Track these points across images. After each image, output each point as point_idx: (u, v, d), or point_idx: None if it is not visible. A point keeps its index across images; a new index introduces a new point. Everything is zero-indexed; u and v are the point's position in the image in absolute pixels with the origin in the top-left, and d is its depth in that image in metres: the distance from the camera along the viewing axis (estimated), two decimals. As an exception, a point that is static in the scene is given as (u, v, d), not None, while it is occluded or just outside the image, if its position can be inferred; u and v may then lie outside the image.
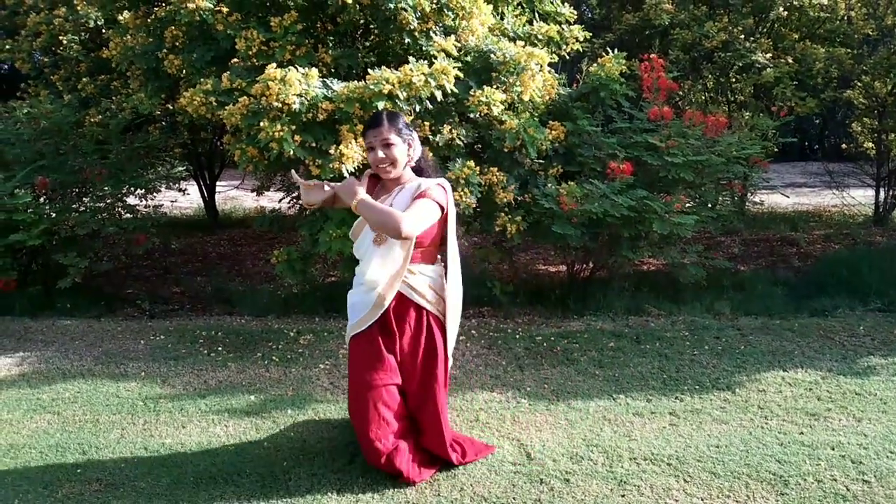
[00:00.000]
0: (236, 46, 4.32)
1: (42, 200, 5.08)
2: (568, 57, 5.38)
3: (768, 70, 6.75)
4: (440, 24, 4.48)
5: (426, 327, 2.65)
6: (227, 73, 4.20)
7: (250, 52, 4.29)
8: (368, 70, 3.97)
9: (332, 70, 4.40)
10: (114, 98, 5.82)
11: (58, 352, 4.20)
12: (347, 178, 2.62)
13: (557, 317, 4.73)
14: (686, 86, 8.25)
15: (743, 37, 7.12)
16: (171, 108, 5.99)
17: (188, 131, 6.81)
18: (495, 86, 4.21)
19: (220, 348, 4.21)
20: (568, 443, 2.94)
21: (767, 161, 5.50)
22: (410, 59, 4.00)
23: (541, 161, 4.57)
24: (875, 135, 7.77)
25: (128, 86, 5.63)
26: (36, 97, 6.13)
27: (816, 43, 7.36)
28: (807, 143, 15.63)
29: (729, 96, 8.11)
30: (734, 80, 7.60)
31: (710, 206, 5.07)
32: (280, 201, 6.18)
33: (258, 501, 2.53)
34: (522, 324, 4.60)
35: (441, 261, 2.72)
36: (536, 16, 5.19)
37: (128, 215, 5.50)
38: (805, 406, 3.27)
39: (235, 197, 10.48)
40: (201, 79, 4.35)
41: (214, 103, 4.17)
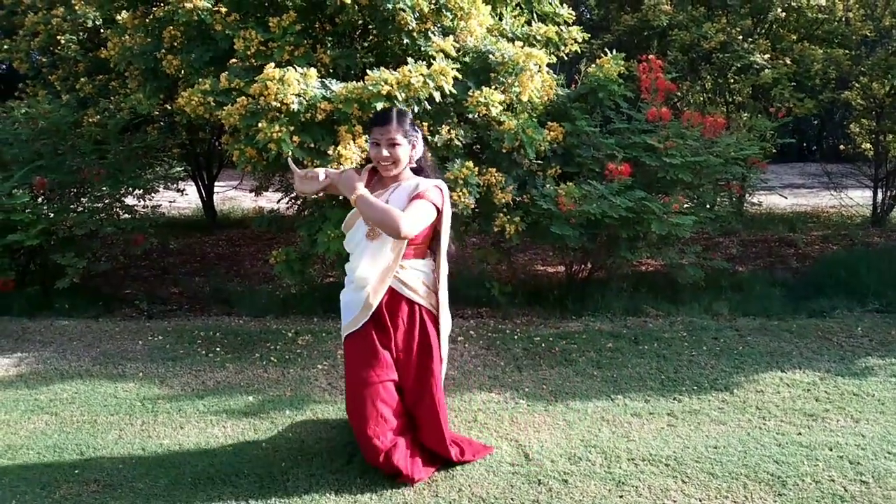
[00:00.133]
0: (235, 47, 4.32)
1: (40, 200, 5.07)
2: (566, 58, 5.38)
3: (766, 71, 6.75)
4: (439, 25, 4.48)
5: (419, 322, 2.65)
6: (226, 73, 4.20)
7: (248, 52, 4.28)
8: (367, 70, 3.98)
9: (331, 70, 4.40)
10: (112, 98, 5.82)
11: (56, 352, 4.19)
12: (347, 169, 2.61)
13: (556, 317, 4.73)
14: (684, 87, 8.27)
15: (741, 38, 7.12)
16: (169, 108, 5.99)
17: (186, 131, 6.81)
18: (494, 86, 4.21)
19: (218, 349, 4.20)
20: (566, 443, 2.94)
21: (765, 162, 5.50)
22: (409, 59, 4.00)
23: (539, 162, 4.57)
24: (873, 136, 7.78)
25: (126, 86, 5.62)
26: (34, 97, 6.12)
27: (814, 44, 7.36)
28: (805, 144, 15.64)
29: (727, 97, 8.11)
30: (732, 80, 7.60)
31: (709, 206, 5.08)
32: (278, 202, 6.17)
33: (256, 502, 2.53)
34: (521, 324, 4.61)
35: (431, 255, 2.72)
36: (535, 16, 5.19)
37: (126, 215, 5.50)
38: (803, 407, 3.28)
39: (234, 197, 10.47)
40: (199, 79, 4.34)
41: (213, 103, 4.17)
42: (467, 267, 5.55)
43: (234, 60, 4.40)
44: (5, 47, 6.72)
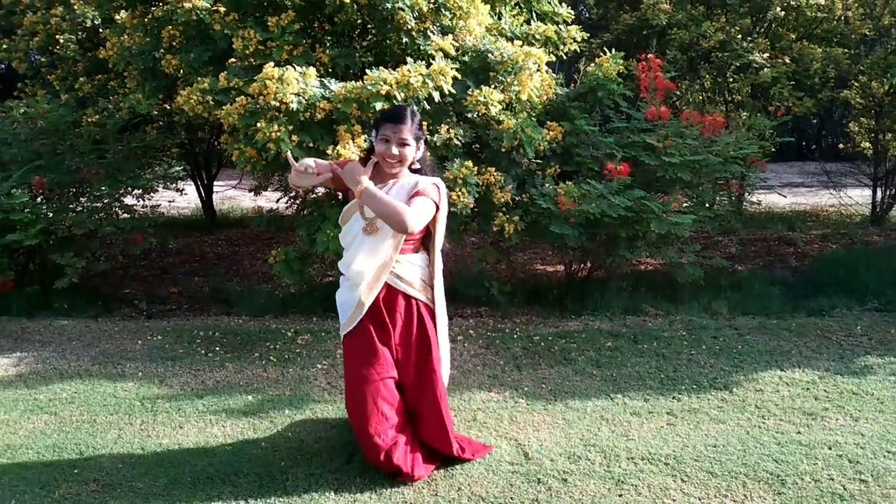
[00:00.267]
0: (233, 46, 4.32)
1: (39, 200, 5.07)
2: (565, 57, 5.38)
3: (766, 70, 6.75)
4: (438, 24, 4.48)
5: (417, 317, 2.66)
6: (225, 72, 4.20)
7: (247, 51, 4.28)
8: (366, 70, 3.97)
9: (330, 70, 4.40)
10: (111, 98, 5.81)
11: (55, 352, 4.19)
12: (351, 161, 2.59)
13: (555, 317, 4.73)
14: (683, 86, 8.27)
15: (740, 37, 7.12)
16: (168, 107, 5.99)
17: (185, 131, 6.80)
18: (493, 85, 4.21)
19: (217, 348, 4.20)
20: (565, 442, 2.94)
21: (765, 161, 5.50)
22: (408, 58, 4.00)
23: (538, 161, 4.57)
24: (872, 135, 7.78)
25: (125, 85, 5.61)
26: (33, 97, 6.11)
27: (814, 43, 7.36)
28: (804, 143, 15.64)
29: (726, 96, 8.12)
30: (731, 79, 7.60)
31: (708, 205, 5.08)
32: (278, 201, 6.17)
33: (256, 501, 2.53)
34: (520, 324, 4.61)
35: (423, 248, 2.74)
36: (534, 16, 5.18)
37: (125, 215, 5.49)
38: (802, 406, 3.28)
39: (233, 197, 10.46)
40: (199, 78, 4.34)
41: (211, 102, 4.16)
42: (466, 266, 5.55)
43: (232, 60, 4.40)
44: (4, 47, 6.70)
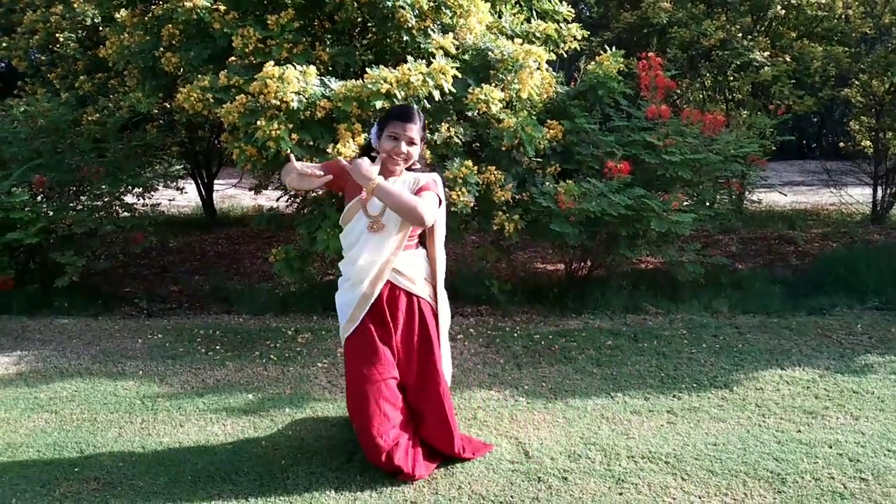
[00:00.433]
0: (233, 44, 4.32)
1: (39, 199, 5.07)
2: (566, 55, 5.37)
3: (766, 68, 6.75)
4: (438, 22, 4.47)
5: (419, 315, 2.66)
6: (225, 70, 4.19)
7: (247, 49, 4.28)
8: (366, 68, 3.97)
9: (330, 68, 4.39)
10: (111, 96, 5.81)
11: (55, 350, 4.19)
12: (358, 159, 2.55)
13: (555, 315, 4.73)
14: (684, 84, 8.26)
15: (741, 35, 7.12)
16: (168, 106, 5.98)
17: (186, 130, 6.80)
18: (493, 84, 4.21)
19: (217, 347, 4.20)
20: (566, 441, 2.94)
21: (765, 159, 5.49)
22: (408, 57, 4.00)
23: (539, 159, 4.57)
24: (873, 133, 7.77)
25: (125, 84, 5.61)
26: (33, 95, 6.11)
27: (814, 41, 7.36)
28: (805, 142, 15.62)
29: (727, 95, 8.11)
30: (732, 78, 7.60)
31: (708, 204, 5.07)
32: (278, 200, 6.17)
33: (256, 500, 2.53)
34: (520, 322, 4.61)
35: (422, 245, 2.76)
36: (534, 14, 5.18)
37: (125, 214, 5.49)
38: (803, 404, 3.28)
39: (233, 195, 10.46)
40: (199, 76, 4.34)
41: (212, 100, 4.16)
42: (467, 265, 5.55)
43: (232, 58, 4.39)
44: (4, 45, 6.70)
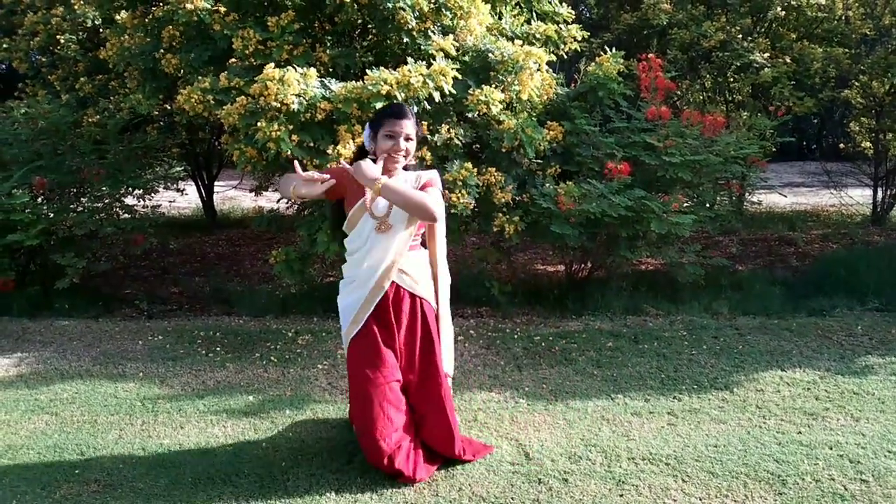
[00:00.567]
0: (233, 46, 4.32)
1: (40, 200, 5.07)
2: (566, 57, 5.38)
3: (766, 70, 6.75)
4: (438, 24, 4.48)
5: (421, 316, 2.68)
6: (225, 72, 4.20)
7: (247, 51, 4.28)
8: (366, 70, 3.98)
9: (330, 70, 4.40)
10: (111, 98, 5.82)
11: (56, 352, 4.19)
12: (360, 162, 2.53)
13: (556, 317, 4.73)
14: (684, 85, 8.27)
15: (741, 36, 7.12)
16: (168, 108, 5.99)
17: (186, 131, 6.80)
18: (494, 85, 4.21)
19: (218, 349, 4.20)
20: (566, 443, 2.94)
21: (765, 161, 5.49)
22: (409, 58, 4.00)
23: (539, 161, 4.57)
24: (873, 134, 7.77)
25: (125, 86, 5.62)
26: (33, 97, 6.12)
27: (814, 43, 7.36)
28: (805, 143, 15.62)
29: (727, 96, 8.11)
30: (732, 79, 7.60)
31: (708, 205, 5.07)
32: (278, 201, 6.17)
33: (256, 502, 2.53)
34: (521, 324, 4.60)
35: (423, 245, 2.77)
36: (534, 15, 5.18)
37: (126, 215, 5.49)
38: (803, 406, 3.28)
39: (234, 197, 10.46)
40: (199, 78, 4.35)
41: (212, 102, 4.17)
42: (467, 266, 5.55)
43: (233, 60, 4.40)
44: (4, 47, 6.71)
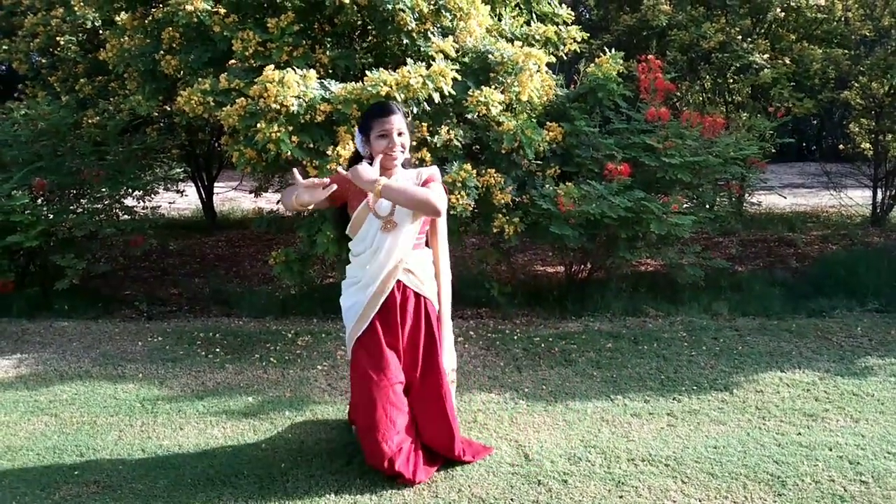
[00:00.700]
0: (233, 48, 4.32)
1: (39, 202, 5.07)
2: (565, 58, 5.39)
3: (766, 71, 6.75)
4: (438, 25, 4.48)
5: (425, 316, 2.68)
6: (225, 73, 4.20)
7: (247, 53, 4.28)
8: (366, 71, 3.98)
9: (330, 71, 4.40)
10: (111, 99, 5.82)
11: (55, 353, 4.19)
12: (357, 166, 2.53)
13: (555, 318, 4.73)
14: (683, 87, 8.27)
15: (740, 38, 7.12)
16: (168, 109, 5.99)
17: (186, 133, 6.81)
18: (493, 86, 4.21)
19: (217, 350, 4.20)
20: (566, 444, 2.94)
21: (765, 162, 5.49)
22: (408, 60, 4.01)
23: (538, 162, 4.57)
24: (872, 135, 7.77)
25: (125, 87, 5.62)
26: (33, 98, 6.12)
27: (814, 44, 7.36)
28: (804, 144, 15.62)
29: (726, 97, 8.11)
30: (732, 80, 7.60)
31: (708, 206, 5.08)
32: (278, 202, 6.18)
33: (256, 503, 2.53)
34: (520, 325, 4.61)
35: (427, 245, 2.77)
36: (534, 17, 5.19)
37: (125, 217, 5.50)
38: (803, 407, 3.27)
39: (233, 198, 10.47)
40: (199, 79, 4.35)
41: (212, 103, 4.17)
42: (467, 267, 5.55)
43: (232, 61, 4.40)
44: (4, 48, 6.72)
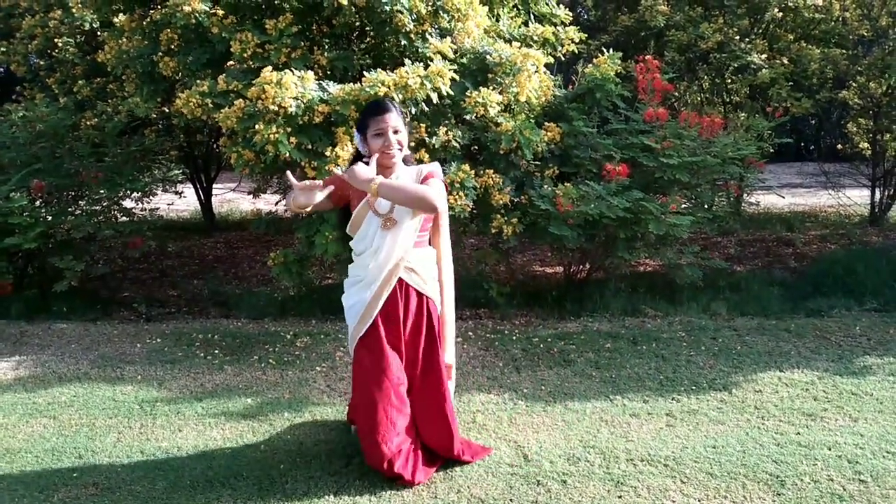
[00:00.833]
0: (231, 49, 4.32)
1: (38, 204, 5.07)
2: (563, 58, 5.39)
3: (764, 71, 6.76)
4: (436, 26, 4.48)
5: (427, 315, 2.68)
6: (223, 75, 4.20)
7: (245, 54, 4.28)
8: (364, 72, 3.98)
9: (328, 72, 4.40)
10: (110, 101, 5.82)
11: (54, 355, 4.19)
12: (353, 166, 2.55)
13: (554, 318, 4.73)
14: (681, 87, 8.27)
15: (738, 38, 7.13)
16: (167, 110, 5.99)
17: (184, 134, 6.81)
18: (491, 87, 4.22)
19: (216, 351, 4.20)
20: (565, 444, 2.94)
21: (763, 162, 5.49)
22: (406, 61, 4.01)
23: (537, 163, 4.58)
24: (870, 135, 7.78)
25: (123, 89, 5.62)
26: (31, 100, 6.12)
27: (811, 44, 7.37)
28: (802, 144, 15.62)
29: (724, 97, 8.12)
30: (729, 81, 7.61)
31: (706, 206, 5.08)
32: (277, 204, 6.19)
33: (255, 504, 2.53)
34: (519, 325, 4.61)
35: (430, 244, 2.77)
36: (532, 17, 5.19)
37: (124, 218, 5.49)
38: (801, 406, 3.28)
39: (232, 199, 10.47)
40: (197, 81, 4.35)
41: (210, 105, 4.17)
42: (465, 268, 5.55)
43: (230, 63, 4.40)
44: (2, 50, 6.72)
